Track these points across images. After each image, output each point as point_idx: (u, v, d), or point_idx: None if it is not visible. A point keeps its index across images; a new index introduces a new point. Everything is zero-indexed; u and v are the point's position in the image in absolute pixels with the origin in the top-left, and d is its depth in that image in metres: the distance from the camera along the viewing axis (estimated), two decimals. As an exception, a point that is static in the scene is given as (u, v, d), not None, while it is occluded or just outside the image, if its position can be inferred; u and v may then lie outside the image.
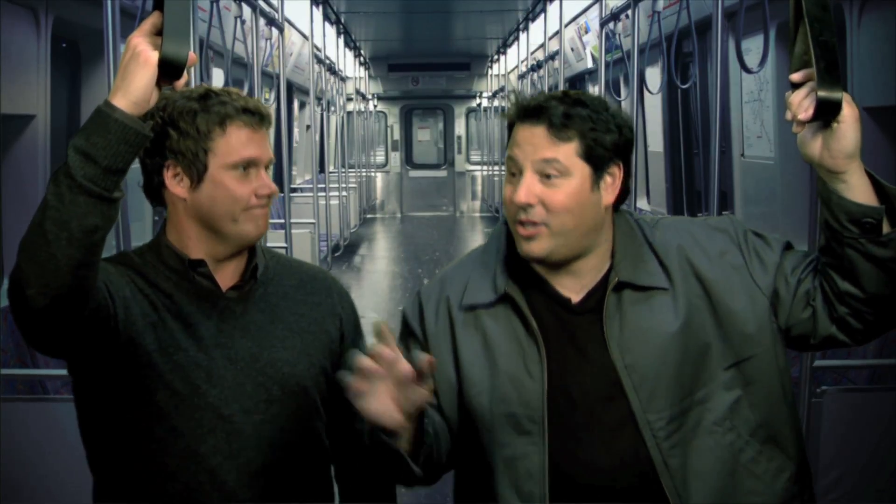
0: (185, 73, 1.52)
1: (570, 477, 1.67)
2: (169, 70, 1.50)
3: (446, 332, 1.76)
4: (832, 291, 1.65)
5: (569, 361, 1.69)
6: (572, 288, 1.72)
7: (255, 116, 1.79)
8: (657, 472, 1.64)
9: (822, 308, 1.67)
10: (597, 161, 1.67)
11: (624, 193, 1.74)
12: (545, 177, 1.66)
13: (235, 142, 1.77)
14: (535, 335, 1.70)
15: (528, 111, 1.68)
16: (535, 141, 1.66)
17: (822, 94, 1.54)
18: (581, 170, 1.66)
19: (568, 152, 1.66)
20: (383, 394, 1.52)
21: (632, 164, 1.77)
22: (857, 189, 1.59)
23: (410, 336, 1.80)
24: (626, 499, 1.65)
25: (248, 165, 1.79)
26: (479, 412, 1.72)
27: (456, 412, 1.76)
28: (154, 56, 1.50)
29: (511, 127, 1.72)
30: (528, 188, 1.66)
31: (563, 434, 1.67)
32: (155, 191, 1.82)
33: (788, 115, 1.60)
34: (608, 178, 1.69)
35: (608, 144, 1.67)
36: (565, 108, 1.66)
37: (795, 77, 1.59)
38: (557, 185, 1.65)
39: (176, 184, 1.78)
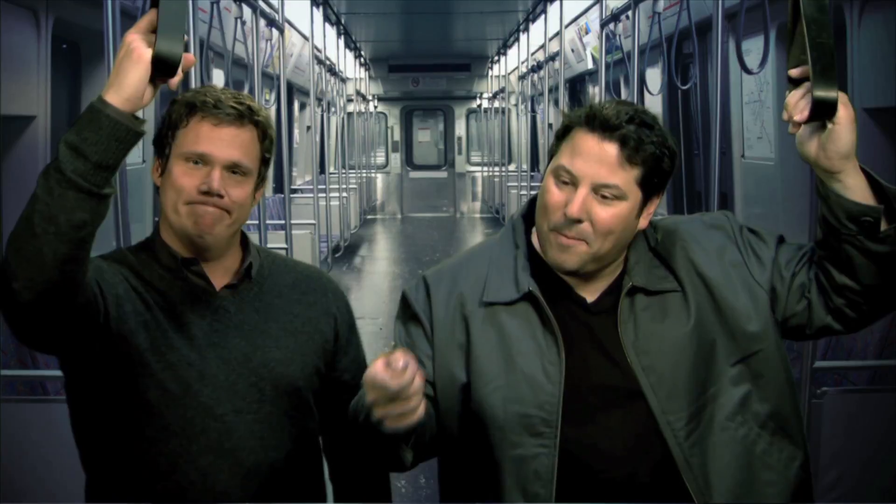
0: (179, 70, 1.51)
1: (583, 476, 1.67)
2: (162, 67, 1.50)
3: (458, 326, 1.75)
4: (829, 284, 1.68)
5: (590, 359, 1.70)
6: (587, 289, 1.75)
7: (231, 113, 1.74)
8: (680, 473, 1.65)
9: (817, 300, 1.70)
10: (649, 190, 1.68)
11: None
12: (601, 196, 1.65)
13: (193, 134, 1.75)
14: (555, 335, 1.70)
15: (603, 123, 1.64)
16: (604, 159, 1.64)
17: (817, 95, 1.55)
18: (635, 195, 1.67)
19: (629, 178, 1.65)
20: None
21: None
22: (854, 189, 1.61)
23: (413, 319, 1.78)
24: (646, 498, 1.65)
25: (199, 160, 1.75)
26: (490, 410, 1.70)
27: (456, 405, 1.74)
28: (147, 53, 1.49)
29: (568, 129, 1.68)
30: (583, 203, 1.65)
31: (578, 435, 1.67)
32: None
33: (785, 116, 1.61)
34: (650, 207, 1.71)
35: (664, 173, 1.68)
36: (638, 129, 1.64)
37: (793, 72, 1.61)
38: (610, 204, 1.65)
39: (156, 173, 1.79)
